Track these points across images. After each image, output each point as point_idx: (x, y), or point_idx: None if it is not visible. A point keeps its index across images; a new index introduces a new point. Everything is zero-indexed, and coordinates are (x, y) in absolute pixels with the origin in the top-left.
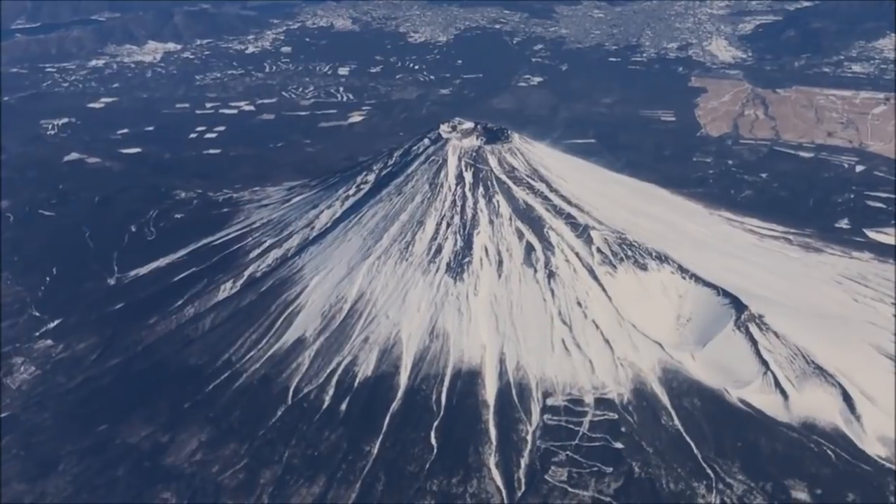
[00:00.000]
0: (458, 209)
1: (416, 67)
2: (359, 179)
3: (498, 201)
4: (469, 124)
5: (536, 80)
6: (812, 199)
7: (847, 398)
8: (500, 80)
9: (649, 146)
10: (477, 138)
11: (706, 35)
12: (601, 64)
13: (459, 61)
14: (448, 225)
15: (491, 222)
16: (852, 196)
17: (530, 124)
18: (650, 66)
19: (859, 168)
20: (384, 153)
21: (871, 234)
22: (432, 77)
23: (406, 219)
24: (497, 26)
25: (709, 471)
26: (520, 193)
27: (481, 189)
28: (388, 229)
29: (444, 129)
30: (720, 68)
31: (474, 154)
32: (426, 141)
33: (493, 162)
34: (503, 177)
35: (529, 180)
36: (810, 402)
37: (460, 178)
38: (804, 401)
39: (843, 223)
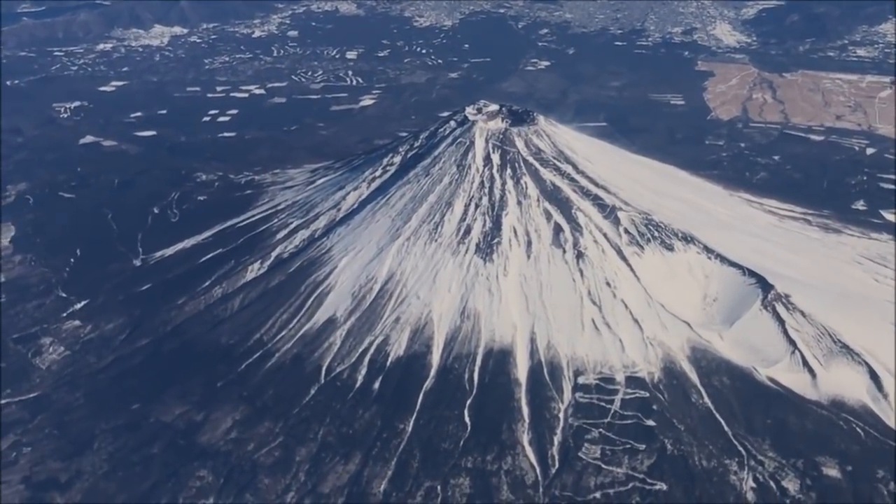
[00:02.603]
0: (487, 190)
1: (424, 51)
2: (385, 161)
3: (526, 183)
4: (494, 107)
5: (544, 63)
6: (826, 180)
7: (874, 376)
8: (508, 63)
9: (661, 129)
10: (502, 121)
11: (710, 19)
12: (607, 48)
13: (466, 45)
14: (476, 206)
15: (519, 203)
16: (865, 178)
17: (541, 108)
18: (656, 50)
19: (870, 150)
20: (409, 135)
21: (888, 215)
22: (440, 61)
23: (434, 200)
24: (501, 11)
25: (740, 448)
26: (547, 175)
27: (509, 171)
28: (417, 210)
29: (469, 111)
30: (726, 52)
31: (501, 136)
32: (452, 123)
33: (519, 144)
34: (530, 158)
35: (556, 162)
36: (838, 380)
37: (488, 159)
38: (832, 379)
39: (860, 204)
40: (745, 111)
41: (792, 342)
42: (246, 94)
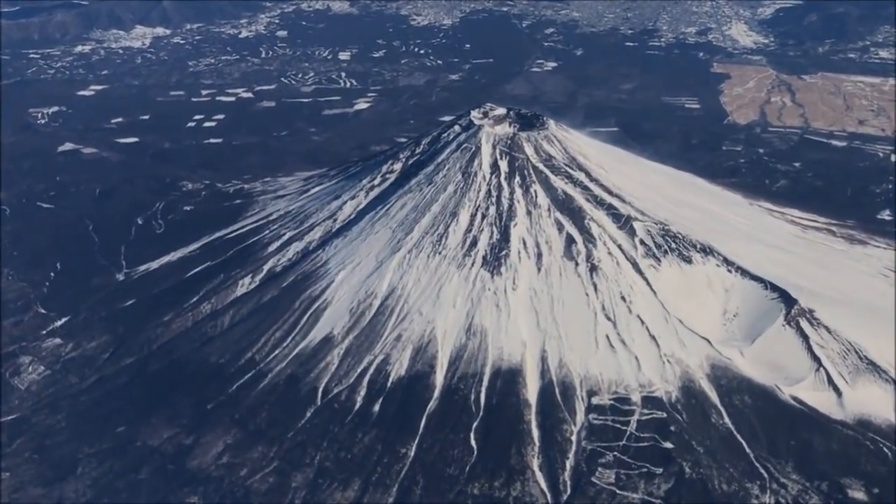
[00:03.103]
0: (494, 199)
1: (422, 52)
2: (384, 168)
3: (535, 191)
4: (501, 110)
5: (550, 65)
6: (849, 189)
7: None
8: (512, 65)
9: (676, 134)
10: (510, 125)
11: (725, 19)
12: (617, 49)
13: (467, 45)
14: (483, 216)
15: (529, 213)
16: (891, 186)
17: (548, 112)
18: (669, 51)
19: (895, 157)
20: (410, 141)
21: None
22: (440, 62)
23: (438, 210)
24: (504, 9)
25: (762, 470)
26: (558, 183)
27: (518, 178)
28: (419, 221)
29: (475, 115)
30: (742, 53)
31: (509, 141)
32: (457, 128)
33: (529, 150)
34: (540, 165)
35: (568, 169)
36: (864, 398)
37: (495, 166)
38: (858, 397)
39: (886, 214)
40: (764, 115)
41: (816, 359)
42: (233, 98)
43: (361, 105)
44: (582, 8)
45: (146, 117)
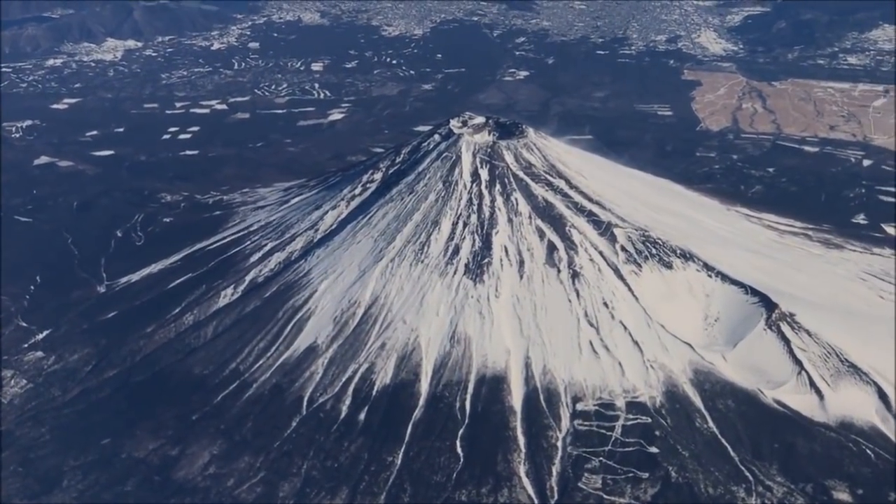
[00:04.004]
0: (475, 208)
1: (394, 62)
2: (364, 178)
3: (516, 199)
4: (480, 119)
5: (523, 73)
6: (823, 194)
7: (883, 396)
8: (485, 74)
9: (649, 142)
10: (490, 133)
11: (694, 27)
12: (589, 57)
13: (439, 55)
14: (465, 225)
15: (510, 221)
16: (863, 191)
17: (522, 120)
18: (640, 59)
19: (866, 162)
20: (390, 150)
21: (889, 229)
22: (412, 72)
23: (420, 219)
24: (475, 18)
25: (747, 473)
26: (539, 190)
27: (498, 186)
28: (401, 230)
29: (454, 123)
30: (712, 61)
31: (489, 150)
32: (437, 137)
33: (509, 158)
34: (520, 173)
35: (548, 177)
36: (846, 401)
37: (476, 175)
38: (840, 400)
39: (860, 218)
40: (736, 121)
41: (798, 362)
42: (207, 110)
43: (336, 116)
44: (552, 17)
45: (121, 130)
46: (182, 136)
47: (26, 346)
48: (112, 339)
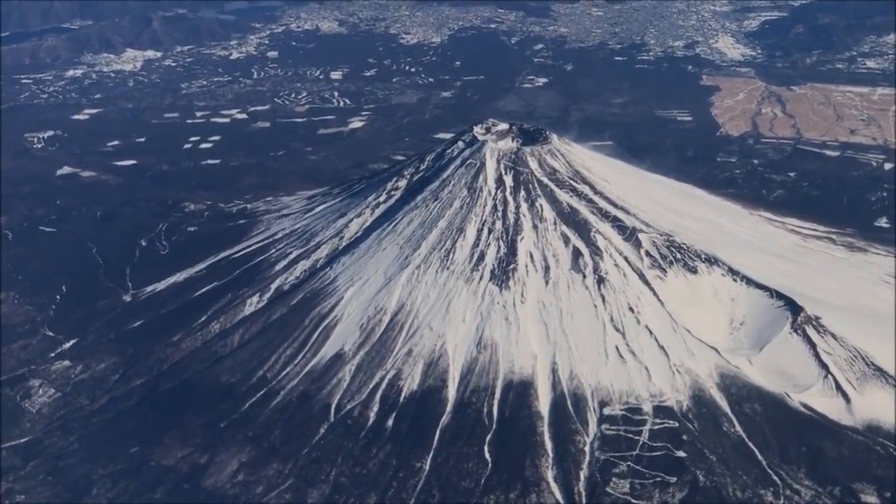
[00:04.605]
0: (500, 214)
1: (413, 70)
2: (389, 186)
3: (541, 205)
4: (504, 125)
5: (541, 80)
6: (845, 197)
7: None
8: (503, 81)
9: (670, 147)
10: (513, 140)
11: (712, 32)
12: (607, 63)
13: (458, 63)
14: (490, 231)
15: (535, 227)
16: (885, 194)
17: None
18: (658, 64)
19: (888, 166)
20: (414, 157)
21: None
22: (431, 80)
23: (445, 225)
24: (492, 26)
25: (775, 477)
26: (563, 196)
27: (523, 193)
28: (426, 237)
29: (478, 130)
30: (730, 66)
31: (513, 156)
32: (460, 144)
33: (533, 164)
34: (545, 179)
35: (572, 183)
36: (873, 404)
37: (500, 181)
38: (866, 403)
39: (883, 222)
40: (756, 126)
41: (824, 366)
42: (227, 119)
43: (356, 124)
44: (570, 23)
45: (142, 140)
46: (203, 146)
47: (53, 355)
48: (139, 348)
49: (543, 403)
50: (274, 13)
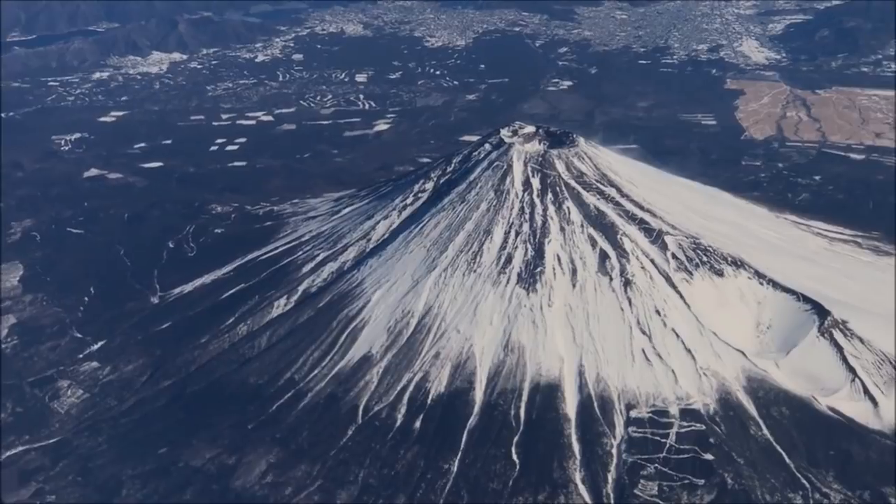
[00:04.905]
0: (527, 217)
1: (438, 73)
2: (416, 188)
3: (568, 208)
4: (530, 128)
5: (566, 83)
6: (871, 201)
7: None
8: (528, 84)
9: (695, 150)
10: (540, 142)
11: (736, 36)
12: (631, 67)
13: (482, 66)
14: (517, 233)
15: (562, 230)
16: None
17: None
18: (682, 68)
19: None
20: (441, 160)
21: None
22: (456, 82)
23: (472, 228)
24: (517, 29)
25: (803, 480)
26: (590, 199)
27: (550, 195)
28: (454, 239)
29: (505, 133)
30: (755, 70)
31: (540, 159)
32: (487, 146)
33: (560, 167)
34: (572, 182)
35: (599, 185)
36: None
37: (527, 184)
38: (894, 407)
39: None
40: (780, 130)
41: (851, 370)
42: (253, 122)
43: (381, 126)
44: (593, 27)
45: (168, 142)
46: (229, 148)
47: (81, 356)
48: (167, 350)
49: (570, 406)
50: (299, 16)
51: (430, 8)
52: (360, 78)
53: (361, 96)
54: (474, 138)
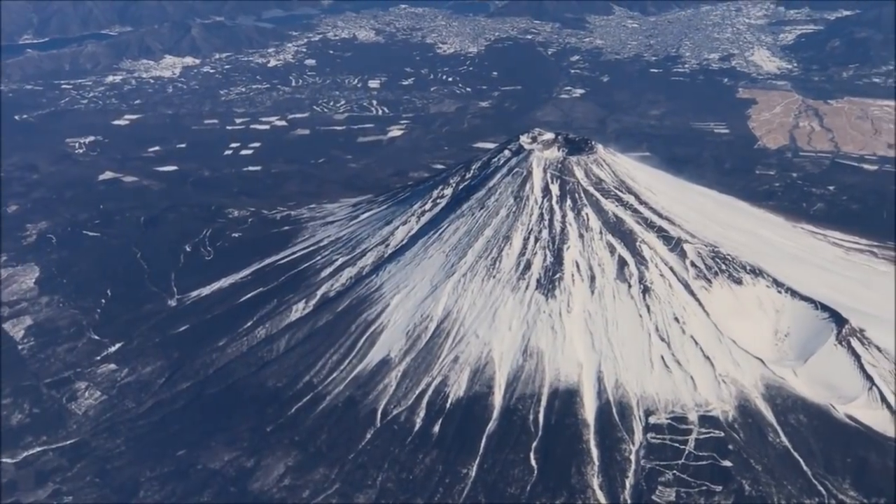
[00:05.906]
0: (546, 223)
1: (450, 80)
2: (434, 194)
3: (587, 214)
4: (550, 135)
5: (578, 91)
6: (885, 211)
7: None
8: (541, 92)
9: (708, 159)
10: (559, 149)
11: (747, 45)
12: (643, 75)
13: (495, 73)
14: (536, 240)
15: (581, 236)
16: None
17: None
18: (694, 77)
19: None
20: (460, 166)
21: None
22: (469, 89)
23: (491, 234)
24: (529, 37)
25: (820, 487)
26: (609, 206)
27: (569, 202)
28: (473, 245)
29: (524, 139)
30: (766, 79)
31: (559, 165)
32: (507, 152)
33: (579, 174)
34: (591, 189)
35: (618, 192)
36: None
37: (546, 190)
38: None
39: None
40: (793, 140)
41: (869, 378)
42: (267, 126)
43: (395, 132)
44: (605, 35)
45: (182, 146)
46: (244, 152)
47: (99, 358)
48: (184, 352)
49: (589, 411)
50: (311, 21)
51: (442, 15)
52: (373, 84)
53: (374, 102)
54: (488, 145)
